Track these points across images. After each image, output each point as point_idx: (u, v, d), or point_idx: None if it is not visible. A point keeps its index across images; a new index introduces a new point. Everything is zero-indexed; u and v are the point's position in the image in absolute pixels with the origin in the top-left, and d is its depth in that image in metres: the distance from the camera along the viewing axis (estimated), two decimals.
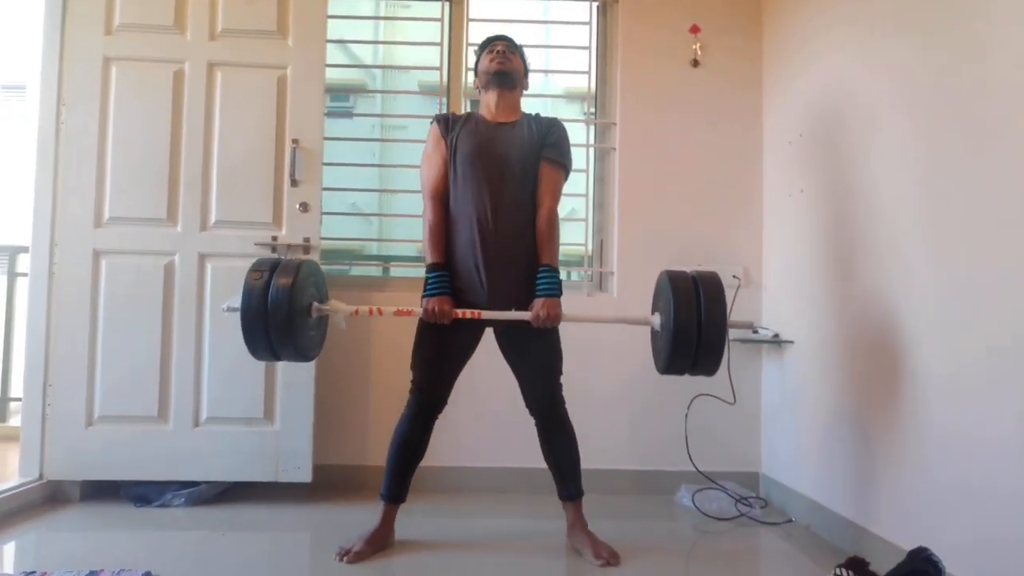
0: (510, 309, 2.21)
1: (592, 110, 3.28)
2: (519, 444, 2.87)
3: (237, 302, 2.08)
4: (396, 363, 2.48)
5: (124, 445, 2.69)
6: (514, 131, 2.31)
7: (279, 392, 2.76)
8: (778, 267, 3.01)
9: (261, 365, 2.74)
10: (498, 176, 2.24)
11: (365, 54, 3.79)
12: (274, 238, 2.77)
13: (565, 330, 2.27)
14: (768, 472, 3.01)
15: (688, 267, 3.06)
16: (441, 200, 2.27)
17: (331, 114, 3.37)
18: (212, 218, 2.78)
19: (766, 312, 3.09)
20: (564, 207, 3.51)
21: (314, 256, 2.78)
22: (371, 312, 2.23)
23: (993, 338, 1.75)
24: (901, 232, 2.14)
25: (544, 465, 2.33)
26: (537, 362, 2.28)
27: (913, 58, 2.11)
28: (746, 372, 3.03)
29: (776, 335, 2.92)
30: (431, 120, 2.37)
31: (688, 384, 2.89)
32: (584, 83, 3.30)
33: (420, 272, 3.02)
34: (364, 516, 2.30)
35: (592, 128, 3.30)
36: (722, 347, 2.06)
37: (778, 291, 3.00)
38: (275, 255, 2.27)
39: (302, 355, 2.16)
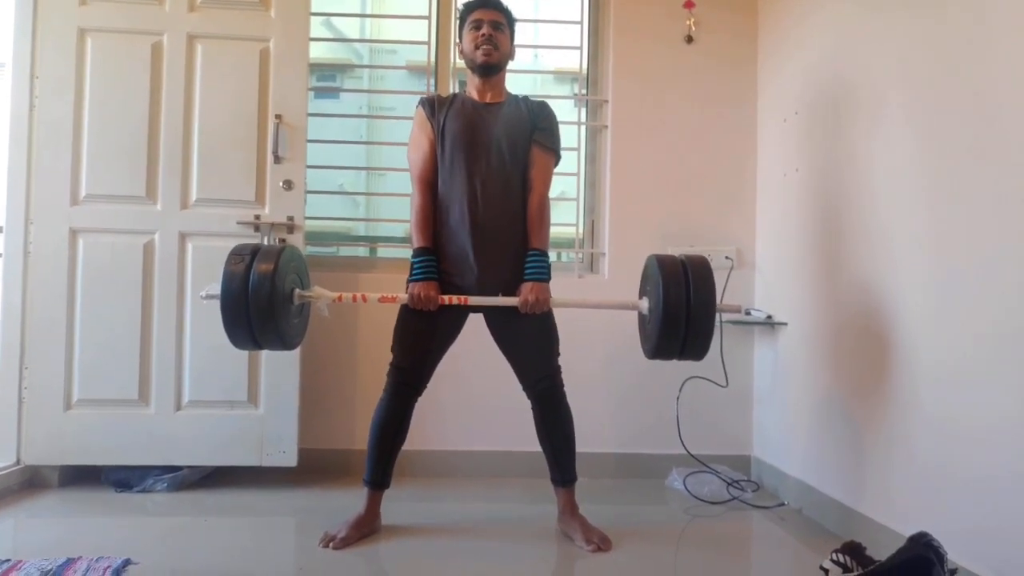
0: (499, 292, 2.17)
1: (583, 89, 3.21)
2: (506, 427, 2.85)
3: (216, 289, 2.01)
4: (383, 345, 2.42)
5: (104, 429, 2.63)
6: (502, 111, 2.26)
7: (263, 375, 2.70)
8: (771, 248, 2.97)
9: None
10: (487, 158, 2.20)
11: (351, 30, 3.70)
12: (257, 216, 2.70)
13: (556, 312, 2.22)
14: (760, 455, 2.99)
15: (680, 248, 3.03)
16: (429, 184, 2.22)
17: (317, 92, 3.30)
18: (193, 196, 2.70)
19: (759, 294, 3.05)
20: (554, 188, 3.47)
21: (299, 236, 2.71)
22: (355, 299, 2.17)
23: (985, 322, 1.72)
24: (897, 212, 2.10)
25: (533, 449, 2.29)
26: (533, 344, 2.23)
27: (910, 35, 2.06)
28: (738, 354, 3.00)
29: (769, 317, 2.89)
30: (417, 103, 2.31)
31: (680, 367, 2.86)
32: (575, 60, 3.22)
33: (407, 253, 2.97)
34: (350, 501, 2.25)
35: (584, 106, 3.23)
36: (711, 331, 2.02)
37: (771, 272, 2.96)
38: (255, 242, 2.20)
39: (285, 344, 2.09)
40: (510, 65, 2.34)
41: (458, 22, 2.34)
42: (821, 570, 1.78)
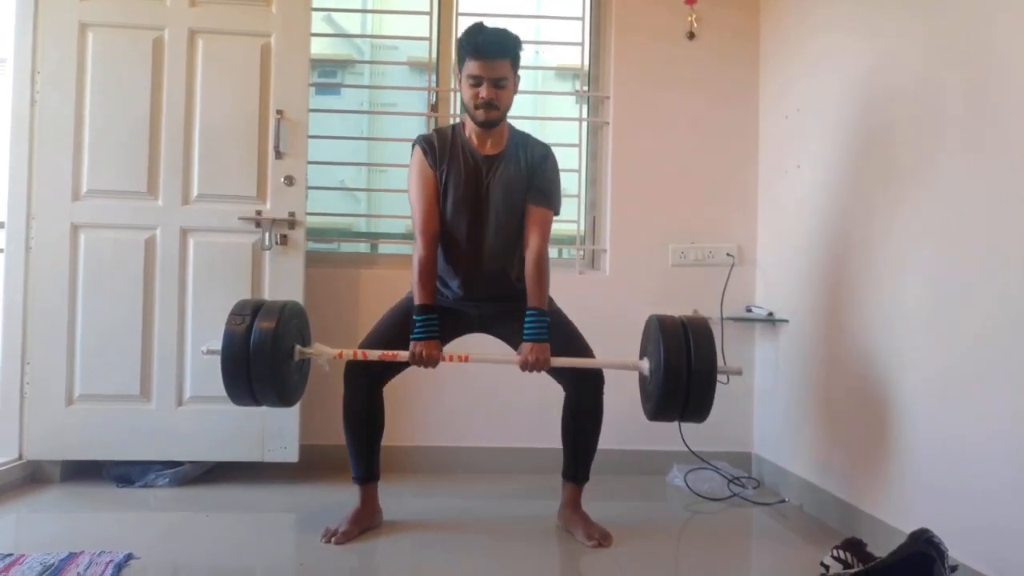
0: (489, 303, 2.19)
1: (585, 86, 3.20)
2: (510, 423, 2.85)
3: (217, 344, 2.01)
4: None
5: (106, 424, 2.63)
6: (502, 167, 2.16)
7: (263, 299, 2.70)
8: (773, 244, 2.97)
9: None
10: (486, 219, 2.17)
11: (353, 26, 3.69)
12: (258, 212, 2.70)
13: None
14: (761, 452, 2.99)
15: (684, 245, 3.04)
16: (434, 237, 2.13)
17: (318, 88, 3.29)
18: (194, 191, 2.70)
19: (760, 290, 3.05)
20: None
21: (300, 232, 2.71)
22: (355, 355, 2.13)
23: (987, 322, 1.71)
24: (900, 210, 2.09)
25: (535, 445, 2.29)
26: (565, 354, 2.16)
27: (912, 32, 2.05)
28: (739, 351, 3.00)
29: (770, 314, 2.88)
30: (414, 142, 2.21)
31: None
32: (576, 56, 3.22)
33: (408, 249, 2.97)
34: (351, 496, 2.26)
35: (585, 102, 3.22)
36: (712, 395, 2.03)
37: (772, 269, 2.96)
38: (257, 298, 2.18)
39: (284, 402, 2.09)
40: None
41: (456, 58, 2.20)
42: (822, 566, 1.78)
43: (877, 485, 2.15)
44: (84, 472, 2.70)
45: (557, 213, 2.23)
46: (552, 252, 2.24)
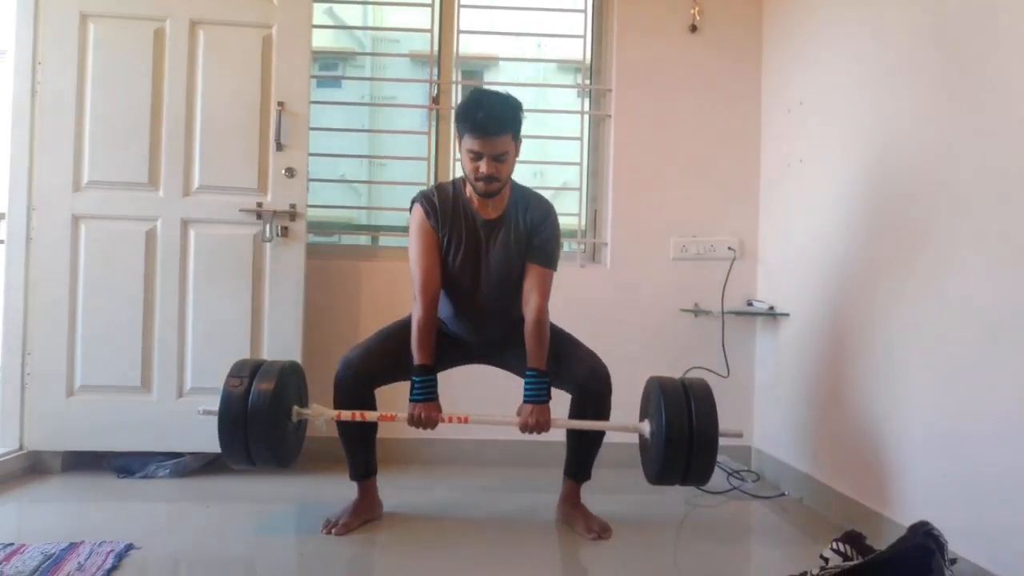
0: (496, 342, 2.23)
1: (587, 79, 3.19)
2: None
3: (214, 406, 2.01)
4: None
5: (106, 415, 2.63)
6: (502, 232, 2.15)
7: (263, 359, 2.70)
8: (775, 238, 2.96)
9: (247, 333, 2.69)
10: (486, 276, 2.17)
11: (354, 18, 3.68)
12: (259, 204, 2.69)
13: (553, 305, 2.19)
14: (760, 446, 2.99)
15: (685, 239, 3.04)
16: (433, 298, 2.11)
17: (320, 80, 3.29)
18: (195, 183, 2.70)
19: (761, 284, 3.04)
20: (558, 178, 3.47)
21: (301, 224, 2.71)
22: (353, 417, 2.11)
23: (988, 315, 1.71)
24: (903, 205, 2.09)
25: (539, 438, 2.28)
26: (576, 372, 2.18)
27: (918, 24, 2.05)
28: (740, 345, 3.00)
29: (771, 307, 2.88)
30: (415, 200, 2.18)
31: (680, 356, 2.88)
32: (578, 49, 3.20)
33: (407, 242, 2.97)
34: (351, 488, 2.26)
35: (587, 95, 3.22)
36: (714, 458, 2.03)
37: (774, 263, 2.96)
38: (255, 359, 2.20)
39: (280, 463, 2.09)
40: (513, 54, 2.29)
41: (454, 126, 2.14)
42: (821, 559, 1.78)
43: (877, 478, 2.15)
44: (85, 463, 2.70)
45: (555, 270, 2.20)
46: None
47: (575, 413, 2.21)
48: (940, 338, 1.91)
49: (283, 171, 2.70)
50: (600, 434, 2.25)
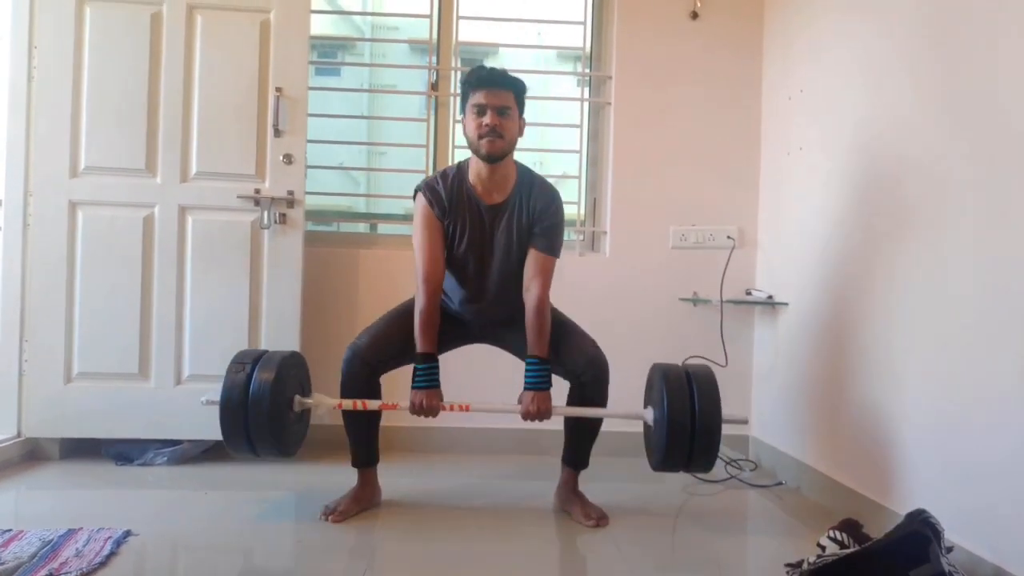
0: (499, 324, 2.23)
1: (587, 67, 3.17)
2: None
3: (216, 395, 2.02)
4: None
5: (104, 403, 2.63)
6: (506, 218, 2.16)
7: (263, 347, 2.69)
8: (774, 227, 2.95)
9: (244, 320, 2.69)
10: (490, 261, 2.19)
11: (353, 4, 3.66)
12: (257, 191, 2.68)
13: (553, 293, 2.19)
14: (758, 435, 2.99)
15: (684, 227, 3.03)
16: (436, 287, 2.12)
17: (318, 67, 3.26)
18: (193, 169, 2.68)
19: (760, 273, 3.04)
20: (556, 166, 3.45)
21: (299, 211, 2.70)
22: (355, 406, 2.11)
23: (986, 303, 1.71)
24: (903, 193, 2.08)
25: (537, 426, 2.28)
26: (556, 349, 2.16)
27: (919, 12, 2.03)
28: (738, 333, 3.00)
29: (770, 296, 2.88)
30: (418, 189, 2.18)
31: (679, 345, 2.87)
32: (578, 35, 3.18)
33: (408, 230, 2.96)
34: (350, 475, 2.26)
35: (587, 82, 3.20)
36: (717, 445, 2.04)
37: (773, 252, 2.95)
38: (259, 349, 2.20)
39: (282, 452, 2.09)
40: (513, 40, 2.29)
41: (460, 94, 2.20)
42: (818, 547, 1.79)
43: (874, 467, 2.16)
44: (83, 450, 2.70)
45: (558, 257, 2.20)
46: None
47: (574, 402, 2.21)
48: (937, 326, 1.90)
49: (281, 157, 2.69)
50: (598, 422, 2.25)
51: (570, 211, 3.14)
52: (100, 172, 2.65)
